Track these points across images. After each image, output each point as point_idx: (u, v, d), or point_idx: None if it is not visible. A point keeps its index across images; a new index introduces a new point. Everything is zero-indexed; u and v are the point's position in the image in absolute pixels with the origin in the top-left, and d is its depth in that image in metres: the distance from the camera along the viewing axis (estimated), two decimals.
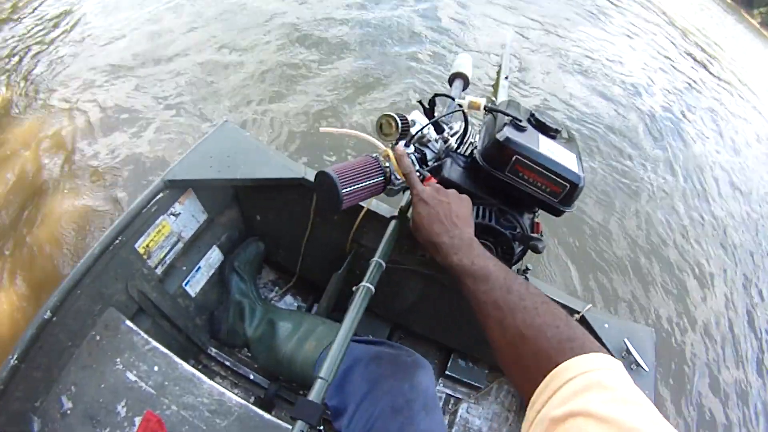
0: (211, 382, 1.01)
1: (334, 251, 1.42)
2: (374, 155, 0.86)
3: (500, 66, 1.26)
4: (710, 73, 6.18)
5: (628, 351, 1.16)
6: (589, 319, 1.21)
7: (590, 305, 1.23)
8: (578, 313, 1.21)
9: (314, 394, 0.66)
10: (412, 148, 0.90)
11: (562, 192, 0.81)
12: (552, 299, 0.63)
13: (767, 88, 7.33)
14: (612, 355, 0.51)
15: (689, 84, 5.41)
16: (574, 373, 0.48)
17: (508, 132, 0.82)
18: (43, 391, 0.97)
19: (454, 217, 0.77)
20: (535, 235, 0.88)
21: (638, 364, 1.14)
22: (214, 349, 1.45)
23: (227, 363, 1.44)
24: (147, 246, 1.20)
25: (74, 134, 2.49)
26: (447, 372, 1.53)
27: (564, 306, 1.23)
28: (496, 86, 1.20)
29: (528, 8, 5.17)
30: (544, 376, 0.50)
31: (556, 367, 0.50)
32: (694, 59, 6.25)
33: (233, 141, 1.32)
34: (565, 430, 0.42)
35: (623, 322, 1.28)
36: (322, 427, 0.72)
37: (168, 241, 1.27)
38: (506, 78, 1.18)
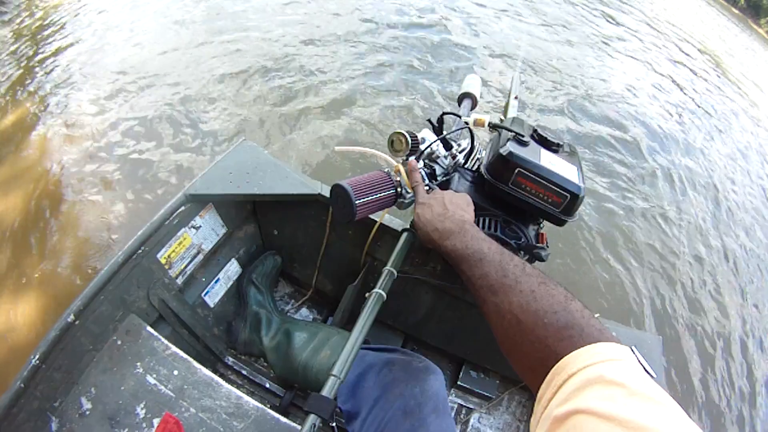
0: (229, 386, 1.05)
1: (349, 265, 1.46)
2: (386, 170, 0.91)
3: (510, 86, 1.31)
4: (716, 82, 6.16)
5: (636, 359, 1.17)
6: None
7: (597, 314, 1.25)
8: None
9: (327, 390, 0.70)
10: (421, 164, 0.95)
11: (563, 202, 0.85)
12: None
13: None
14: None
15: (695, 93, 5.41)
16: (576, 367, 0.46)
17: (511, 146, 0.87)
18: (62, 392, 1.01)
19: (448, 204, 0.82)
20: (539, 244, 0.92)
21: (646, 372, 1.15)
22: (231, 359, 1.49)
23: (244, 372, 1.47)
24: (168, 257, 1.26)
25: (96, 147, 2.60)
26: (459, 382, 1.55)
27: None
28: (506, 106, 1.25)
29: (537, 29, 5.24)
30: (547, 368, 0.48)
31: (557, 358, 0.48)
32: (701, 69, 6.25)
33: (252, 158, 1.37)
34: (567, 428, 0.40)
35: (630, 330, 1.29)
36: (334, 425, 0.76)
37: (188, 252, 1.33)
38: (515, 98, 1.23)
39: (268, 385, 1.46)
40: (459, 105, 1.25)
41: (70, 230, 2.15)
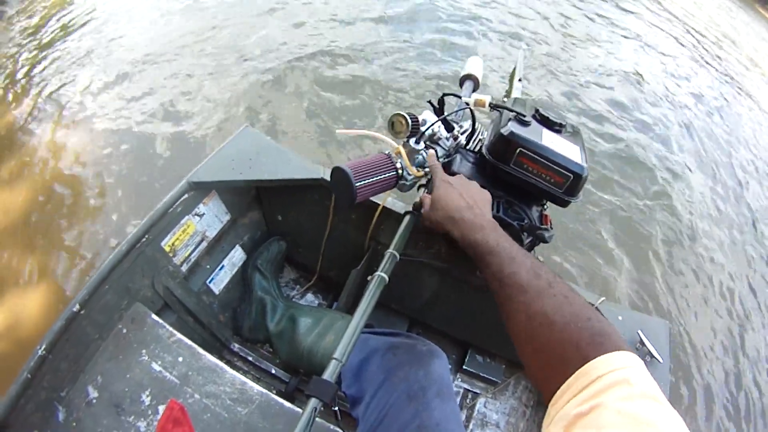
0: (234, 372, 1.05)
1: (353, 249, 1.46)
2: (387, 152, 0.90)
3: (514, 68, 1.29)
4: (726, 68, 6.04)
5: (642, 343, 1.16)
6: (602, 311, 1.22)
7: (603, 298, 1.24)
8: (592, 305, 1.22)
9: (328, 374, 0.70)
10: (422, 145, 0.94)
11: (565, 182, 0.84)
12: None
13: None
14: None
15: (706, 78, 5.31)
16: (604, 370, 0.48)
17: (512, 126, 0.85)
18: (69, 381, 1.02)
19: (477, 199, 0.80)
20: (542, 225, 0.91)
21: (653, 356, 1.14)
22: (236, 345, 1.50)
23: (249, 358, 1.48)
24: (173, 244, 1.26)
25: (99, 138, 2.61)
26: (464, 367, 1.55)
27: None
28: (510, 88, 1.23)
29: (541, 15, 5.14)
30: (570, 370, 0.50)
31: (585, 361, 0.50)
32: (711, 56, 6.12)
33: (254, 144, 1.36)
34: (586, 423, 0.43)
35: (637, 314, 1.28)
36: (337, 408, 0.76)
37: (193, 240, 1.33)
38: (519, 80, 1.21)
39: (273, 371, 1.47)
40: (461, 87, 1.23)
41: (74, 221, 2.16)
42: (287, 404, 1.02)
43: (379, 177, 0.85)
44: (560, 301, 0.59)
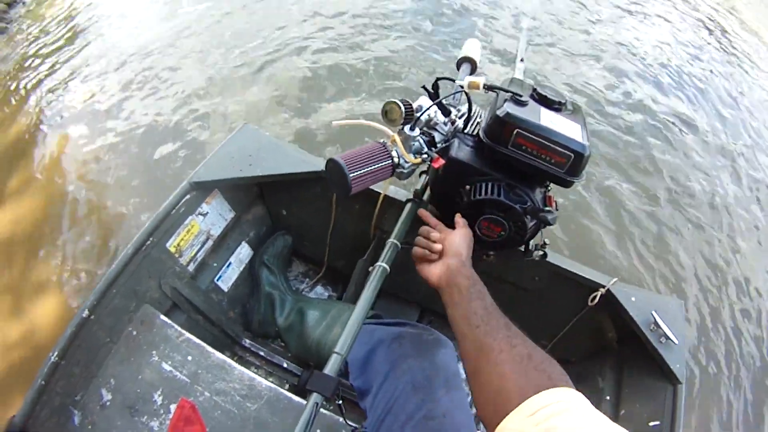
0: (242, 368, 1.06)
1: (359, 240, 1.46)
2: (382, 141, 0.89)
3: (517, 48, 1.26)
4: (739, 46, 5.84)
5: (656, 324, 1.14)
6: (615, 292, 1.20)
7: (616, 279, 1.22)
8: (603, 287, 1.20)
9: (329, 368, 0.69)
10: (417, 131, 0.92)
11: (567, 162, 0.82)
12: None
13: None
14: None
15: (719, 57, 5.14)
16: (552, 401, 0.51)
17: (508, 107, 0.83)
18: (82, 386, 1.03)
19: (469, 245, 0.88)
20: (546, 207, 0.89)
21: (667, 337, 1.12)
22: (248, 341, 1.50)
23: (261, 353, 1.49)
24: (178, 245, 1.27)
25: (102, 141, 2.63)
26: None
27: (589, 280, 1.22)
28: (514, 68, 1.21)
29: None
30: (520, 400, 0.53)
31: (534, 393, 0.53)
32: (724, 35, 5.91)
33: (254, 141, 1.36)
34: None
35: (651, 294, 1.25)
36: (341, 401, 0.76)
37: (198, 239, 1.33)
38: (521, 60, 1.18)
39: (285, 365, 1.48)
40: (458, 69, 1.20)
41: (82, 228, 2.19)
42: (295, 398, 1.02)
43: (375, 166, 0.84)
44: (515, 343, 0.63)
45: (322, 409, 0.71)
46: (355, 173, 0.80)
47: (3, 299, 1.98)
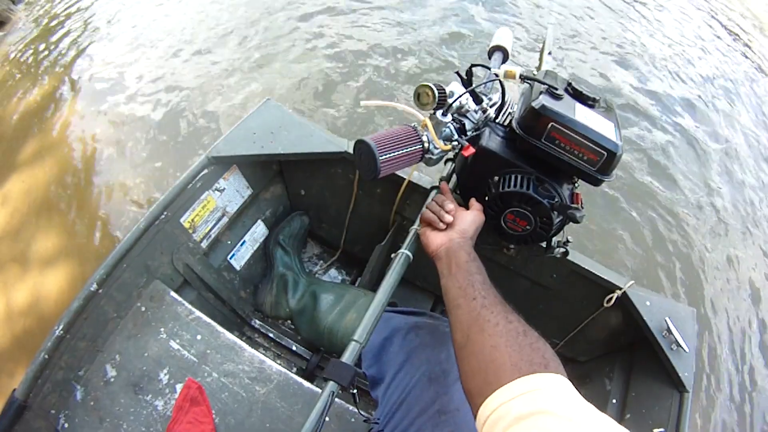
0: (252, 350, 1.04)
1: (378, 224, 1.43)
2: (412, 125, 0.86)
3: (544, 41, 1.23)
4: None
5: (669, 330, 1.12)
6: (631, 295, 1.17)
7: (632, 281, 1.20)
8: (620, 289, 1.18)
9: (347, 356, 0.67)
10: (449, 117, 0.90)
11: (599, 160, 0.79)
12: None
13: None
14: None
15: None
16: (542, 385, 0.51)
17: (544, 100, 0.80)
18: (87, 361, 1.01)
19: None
20: (573, 205, 0.86)
21: (678, 345, 1.11)
22: (257, 321, 1.49)
23: (270, 335, 1.47)
24: (192, 221, 1.24)
25: (120, 115, 2.61)
26: None
27: (606, 281, 1.20)
28: (540, 61, 1.17)
29: None
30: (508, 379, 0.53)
31: (526, 374, 0.53)
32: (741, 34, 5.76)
33: (276, 118, 1.33)
34: (530, 426, 0.45)
35: (666, 300, 1.23)
36: (355, 391, 0.74)
37: (213, 215, 1.31)
38: (549, 53, 1.15)
39: (294, 348, 1.46)
40: (489, 58, 1.17)
41: (94, 200, 2.17)
42: (306, 384, 1.00)
43: (404, 150, 0.82)
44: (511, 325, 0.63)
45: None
46: (385, 156, 0.78)
47: (10, 269, 1.98)
